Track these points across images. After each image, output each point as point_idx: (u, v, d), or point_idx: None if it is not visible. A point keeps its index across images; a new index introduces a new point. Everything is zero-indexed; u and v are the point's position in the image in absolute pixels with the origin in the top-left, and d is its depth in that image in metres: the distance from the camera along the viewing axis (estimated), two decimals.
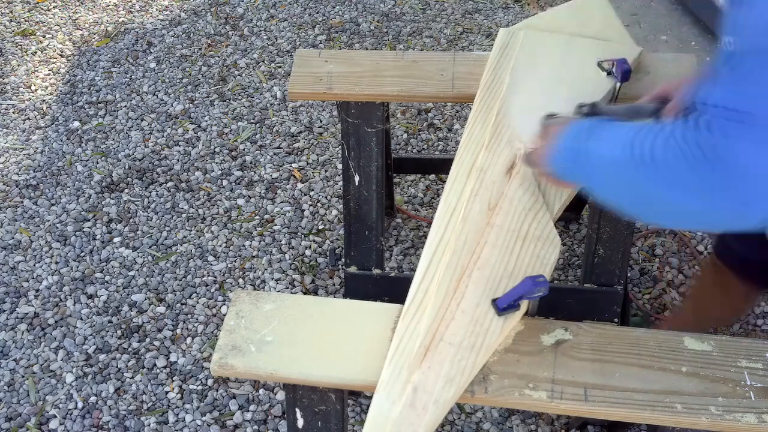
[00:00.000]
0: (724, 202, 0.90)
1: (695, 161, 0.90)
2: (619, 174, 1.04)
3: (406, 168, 2.52)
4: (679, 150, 0.92)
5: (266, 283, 2.30)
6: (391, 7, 3.49)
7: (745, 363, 1.18)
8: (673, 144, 0.93)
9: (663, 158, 0.95)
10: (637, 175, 0.99)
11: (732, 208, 0.90)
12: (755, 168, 0.86)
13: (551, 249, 1.32)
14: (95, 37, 3.39)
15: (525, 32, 1.73)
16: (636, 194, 1.02)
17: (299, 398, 1.26)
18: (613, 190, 1.08)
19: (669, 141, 0.94)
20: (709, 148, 0.89)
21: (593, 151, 1.10)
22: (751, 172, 0.86)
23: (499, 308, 1.21)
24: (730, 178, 0.88)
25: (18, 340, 2.17)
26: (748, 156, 0.86)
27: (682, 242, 2.38)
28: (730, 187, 0.89)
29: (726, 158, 0.87)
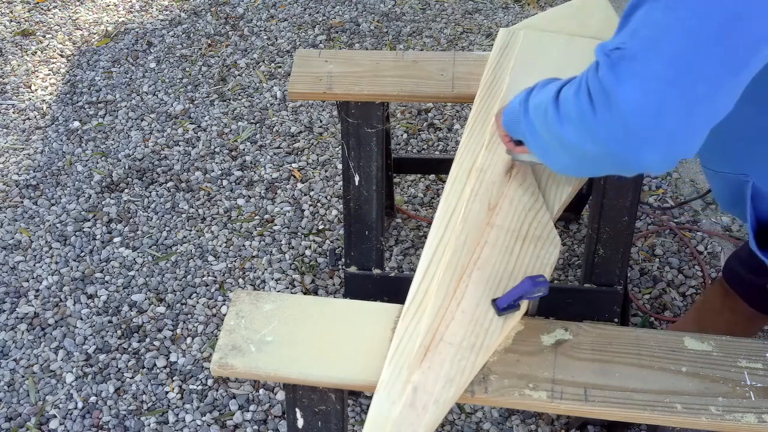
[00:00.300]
0: (609, 138, 0.91)
1: (584, 100, 0.93)
2: (541, 120, 1.07)
3: (406, 168, 2.52)
4: (575, 92, 0.96)
5: (266, 283, 2.30)
6: (391, 7, 3.49)
7: (745, 363, 1.18)
8: (574, 87, 0.97)
9: (564, 101, 0.99)
10: (549, 118, 1.02)
11: (617, 144, 0.90)
12: (629, 101, 0.87)
13: (551, 249, 1.32)
14: (95, 37, 3.39)
15: (525, 32, 1.73)
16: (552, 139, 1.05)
17: (299, 398, 1.26)
18: (540, 139, 1.10)
19: (573, 85, 0.98)
20: (594, 86, 0.91)
21: (531, 100, 1.14)
22: (624, 106, 0.87)
23: (499, 308, 1.21)
24: (609, 112, 0.89)
25: (18, 340, 2.17)
26: (622, 90, 0.87)
27: (682, 242, 2.38)
28: (608, 121, 0.89)
29: (606, 94, 0.89)
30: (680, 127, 0.88)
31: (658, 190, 2.57)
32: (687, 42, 0.85)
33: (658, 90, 0.86)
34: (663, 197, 2.54)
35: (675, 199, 2.53)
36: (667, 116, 0.86)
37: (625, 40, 0.90)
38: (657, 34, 0.87)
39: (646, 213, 2.47)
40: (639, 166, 0.91)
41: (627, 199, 1.72)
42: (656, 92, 0.86)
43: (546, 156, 1.10)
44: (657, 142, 0.88)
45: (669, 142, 0.88)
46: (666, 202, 2.52)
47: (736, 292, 1.62)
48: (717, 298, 1.69)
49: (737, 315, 1.64)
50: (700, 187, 2.57)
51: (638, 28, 0.89)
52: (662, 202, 2.53)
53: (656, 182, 2.60)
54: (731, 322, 1.65)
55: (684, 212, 2.49)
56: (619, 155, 0.91)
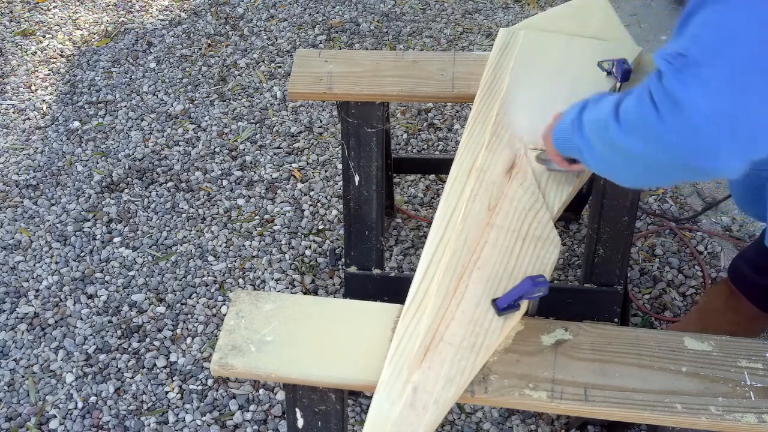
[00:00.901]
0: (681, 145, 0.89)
1: (650, 110, 0.92)
2: (597, 132, 1.06)
3: (406, 168, 2.52)
4: (637, 103, 0.95)
5: (266, 283, 2.30)
6: (391, 7, 3.49)
7: (745, 363, 1.18)
8: (635, 98, 0.96)
9: (627, 113, 0.97)
10: (611, 133, 1.01)
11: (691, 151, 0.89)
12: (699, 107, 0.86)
13: (551, 249, 1.32)
14: (95, 37, 3.39)
15: (525, 32, 1.73)
16: (615, 154, 1.03)
17: (299, 398, 1.26)
18: (599, 154, 1.08)
19: (634, 96, 0.97)
20: (659, 95, 0.90)
21: (585, 117, 1.13)
22: (696, 112, 0.86)
23: (499, 308, 1.21)
24: (679, 121, 0.88)
25: (18, 340, 2.17)
26: (691, 96, 0.86)
27: (682, 242, 2.38)
28: (680, 130, 0.88)
29: (673, 101, 0.88)
30: (757, 128, 0.86)
31: (658, 190, 2.57)
32: (754, 44, 0.84)
33: (729, 94, 0.85)
34: (663, 197, 2.54)
35: (675, 199, 2.53)
36: (743, 120, 0.85)
37: (687, 46, 0.88)
38: (722, 38, 0.85)
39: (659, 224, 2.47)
40: (715, 172, 0.90)
41: (627, 199, 1.72)
42: (728, 96, 0.85)
43: (609, 171, 1.09)
44: (733, 147, 0.87)
45: (746, 145, 0.87)
46: (666, 202, 2.52)
47: (740, 292, 1.62)
48: (720, 298, 1.69)
49: (741, 315, 1.64)
50: (700, 187, 2.57)
51: (700, 33, 0.88)
52: (662, 202, 2.53)
53: None
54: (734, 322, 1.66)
55: (684, 212, 2.49)
56: (695, 163, 0.90)
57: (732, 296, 1.64)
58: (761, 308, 1.61)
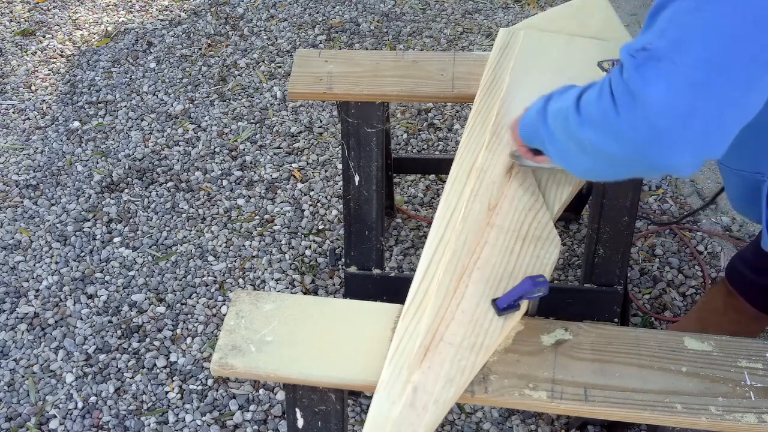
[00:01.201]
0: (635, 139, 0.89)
1: (608, 103, 0.92)
2: (562, 125, 1.06)
3: (406, 168, 2.52)
4: (597, 95, 0.95)
5: (266, 283, 2.30)
6: (391, 7, 3.49)
7: (745, 363, 1.18)
8: (596, 90, 0.96)
9: (586, 104, 0.98)
10: (571, 123, 1.01)
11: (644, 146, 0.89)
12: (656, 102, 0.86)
13: (551, 249, 1.32)
14: (95, 37, 3.39)
15: (525, 32, 1.73)
16: (573, 144, 1.04)
17: (299, 398, 1.26)
18: (559, 144, 1.09)
19: (595, 88, 0.97)
20: (618, 88, 0.90)
21: (549, 107, 1.13)
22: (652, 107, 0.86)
23: (499, 308, 1.21)
24: (635, 113, 0.88)
25: (18, 340, 2.17)
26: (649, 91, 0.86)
27: (682, 242, 2.38)
28: (635, 123, 0.88)
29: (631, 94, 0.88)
30: (711, 128, 0.86)
31: (658, 190, 2.57)
32: (717, 43, 0.84)
33: (687, 91, 0.85)
34: (663, 197, 2.54)
35: (675, 199, 2.53)
36: (698, 118, 0.85)
37: (651, 41, 0.88)
38: (686, 35, 0.85)
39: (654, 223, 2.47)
40: (667, 167, 0.90)
41: (627, 199, 1.72)
42: (686, 93, 0.85)
43: (567, 162, 1.09)
44: (686, 144, 0.87)
45: (699, 143, 0.87)
46: (666, 202, 2.52)
47: (738, 293, 1.62)
48: (719, 299, 1.69)
49: (740, 315, 1.64)
50: (700, 187, 2.57)
51: (666, 28, 0.88)
52: (662, 202, 2.53)
53: (656, 182, 2.60)
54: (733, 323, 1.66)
55: (684, 212, 2.49)
56: (647, 157, 0.90)
57: (730, 297, 1.64)
58: (759, 309, 1.60)
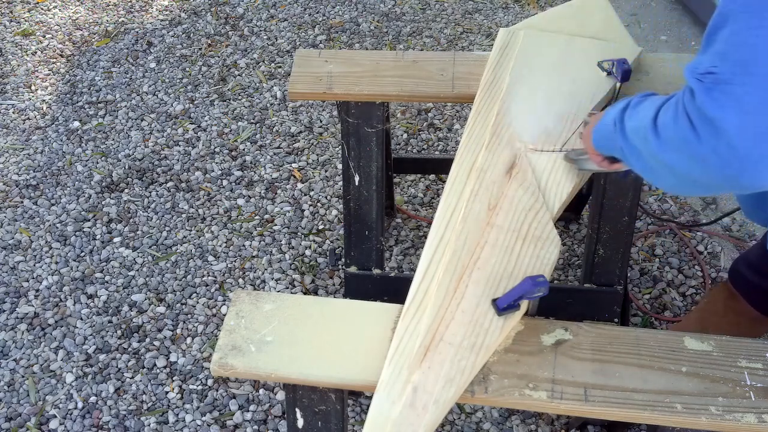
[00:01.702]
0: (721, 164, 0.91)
1: (686, 129, 0.93)
2: (639, 139, 1.07)
3: (406, 168, 2.52)
4: (674, 119, 0.96)
5: (266, 283, 2.30)
6: (391, 7, 3.49)
7: (745, 363, 1.18)
8: (672, 113, 0.97)
9: (665, 128, 0.99)
10: (652, 145, 1.02)
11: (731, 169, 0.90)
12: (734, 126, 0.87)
13: (551, 249, 1.32)
14: (95, 37, 3.39)
15: (525, 32, 1.73)
16: (659, 165, 1.05)
17: (299, 398, 1.26)
18: (645, 162, 1.10)
19: (670, 111, 0.98)
20: (695, 114, 0.92)
21: (627, 120, 1.14)
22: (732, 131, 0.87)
23: (499, 308, 1.21)
24: (716, 140, 0.89)
25: (18, 340, 2.17)
26: (725, 116, 0.88)
27: (682, 242, 2.38)
28: (718, 149, 0.90)
29: (708, 121, 0.90)
30: None
31: (658, 190, 2.57)
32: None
33: (760, 112, 0.86)
34: (663, 197, 2.54)
35: (675, 199, 2.53)
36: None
37: (716, 63, 0.90)
38: (750, 56, 0.87)
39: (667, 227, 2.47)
40: (752, 186, 0.92)
41: (627, 199, 1.72)
42: (759, 114, 0.86)
43: (654, 178, 1.10)
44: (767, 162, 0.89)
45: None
46: (666, 202, 2.52)
47: (741, 294, 1.61)
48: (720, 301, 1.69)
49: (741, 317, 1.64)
50: None
51: (727, 50, 0.89)
52: (662, 201, 2.53)
53: None
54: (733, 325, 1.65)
55: (684, 212, 2.49)
56: (734, 179, 0.92)
57: (732, 298, 1.64)
58: (761, 311, 1.60)
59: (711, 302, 1.76)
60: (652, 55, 1.77)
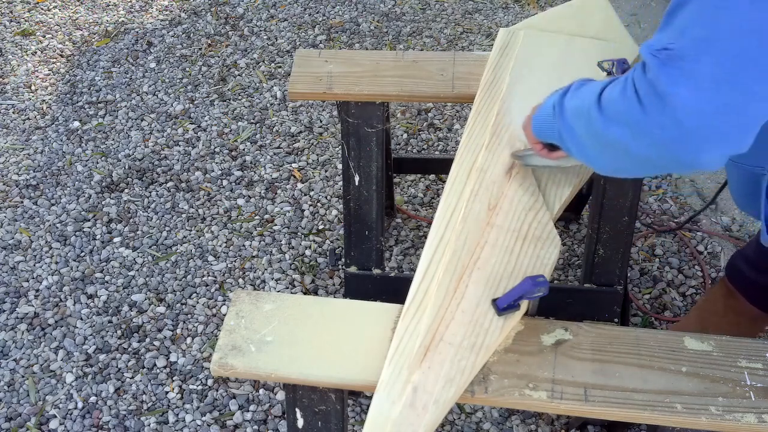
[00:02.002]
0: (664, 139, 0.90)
1: (634, 103, 0.93)
2: (583, 122, 1.06)
3: (406, 168, 2.52)
4: (621, 93, 0.95)
5: (266, 283, 2.30)
6: (391, 7, 3.49)
7: (745, 363, 1.18)
8: (619, 88, 0.97)
9: (610, 102, 0.98)
10: (594, 121, 1.02)
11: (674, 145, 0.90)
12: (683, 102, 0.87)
13: (551, 249, 1.32)
14: (95, 37, 3.39)
15: (525, 32, 1.73)
16: (597, 141, 1.04)
17: (299, 398, 1.26)
18: (581, 140, 1.09)
19: (618, 86, 0.97)
20: (644, 88, 0.91)
21: (566, 103, 1.13)
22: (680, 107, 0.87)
23: (499, 308, 1.21)
24: (664, 114, 0.89)
25: (18, 340, 2.17)
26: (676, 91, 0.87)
27: (682, 242, 2.38)
28: (664, 123, 0.89)
29: (658, 95, 0.89)
30: (738, 124, 0.88)
31: (658, 190, 2.57)
32: (741, 40, 0.84)
33: (713, 89, 0.86)
34: (663, 197, 2.54)
35: (675, 199, 2.53)
36: (725, 115, 0.86)
37: (673, 40, 0.89)
38: (708, 34, 0.86)
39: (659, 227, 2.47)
40: (695, 165, 0.92)
41: (627, 199, 1.72)
42: (712, 91, 0.86)
43: (590, 159, 1.09)
44: (715, 141, 0.88)
45: (726, 140, 0.88)
46: (666, 202, 2.52)
47: (738, 291, 1.61)
48: (719, 299, 1.69)
49: (740, 315, 1.64)
50: (700, 187, 2.57)
51: (687, 26, 0.88)
52: (662, 201, 2.53)
53: (656, 182, 2.60)
54: (734, 323, 1.65)
55: (684, 212, 2.49)
56: (676, 155, 0.91)
57: (730, 296, 1.64)
58: (759, 307, 1.60)
59: (710, 301, 1.76)
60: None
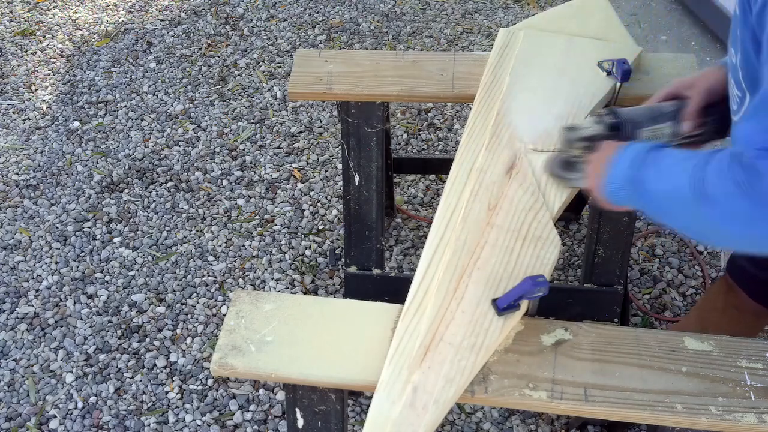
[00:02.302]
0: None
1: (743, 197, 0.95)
2: (677, 206, 1.07)
3: (406, 168, 2.52)
4: (728, 186, 0.97)
5: (266, 283, 2.30)
6: (391, 7, 3.49)
7: (745, 363, 1.18)
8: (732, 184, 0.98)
9: (715, 194, 0.99)
10: (695, 209, 1.03)
11: None
12: None
13: (551, 249, 1.32)
14: (95, 37, 3.39)
15: (525, 32, 1.73)
16: (697, 225, 1.06)
17: (299, 398, 1.26)
18: (674, 220, 1.10)
19: (720, 177, 0.99)
20: (749, 185, 0.94)
21: (650, 182, 1.12)
22: None
23: (499, 308, 1.21)
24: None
25: (18, 340, 2.17)
26: None
27: (682, 242, 2.38)
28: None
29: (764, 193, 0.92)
30: None
31: None
32: None
33: None
34: None
35: None
36: None
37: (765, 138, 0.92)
38: None
39: None
40: None
41: None
42: None
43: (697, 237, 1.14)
44: None
45: None
46: None
47: (739, 286, 1.61)
48: (720, 296, 1.69)
49: (741, 312, 1.64)
50: None
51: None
52: None
53: None
54: (734, 319, 1.65)
55: None
56: None
57: (731, 292, 1.64)
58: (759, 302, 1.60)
59: (710, 299, 1.76)
60: (652, 55, 1.77)
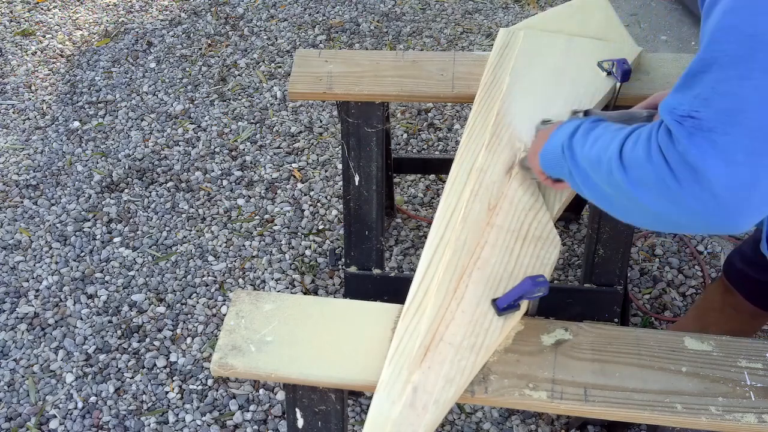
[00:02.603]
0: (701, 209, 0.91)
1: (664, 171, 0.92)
2: (597, 173, 1.05)
3: (406, 168, 2.52)
4: (647, 157, 0.95)
5: (266, 283, 2.30)
6: (391, 7, 3.49)
7: (745, 363, 1.18)
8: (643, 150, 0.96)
9: (636, 165, 0.97)
10: (609, 175, 1.01)
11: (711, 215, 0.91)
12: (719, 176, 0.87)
13: (551, 249, 1.32)
14: (95, 37, 3.39)
15: (525, 32, 1.73)
16: (612, 193, 1.04)
17: (299, 398, 1.26)
18: (593, 189, 1.08)
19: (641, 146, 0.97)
20: (674, 159, 0.91)
21: (579, 148, 1.12)
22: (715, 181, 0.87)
23: (499, 308, 1.21)
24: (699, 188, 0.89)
25: (18, 340, 2.17)
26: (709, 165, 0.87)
27: (682, 242, 2.38)
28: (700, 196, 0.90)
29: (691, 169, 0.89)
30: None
31: None
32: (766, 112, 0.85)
33: (748, 163, 0.86)
34: None
35: None
36: (761, 185, 0.87)
37: (697, 108, 0.89)
38: (735, 106, 0.86)
39: None
40: (729, 230, 0.93)
41: None
42: (746, 166, 0.86)
43: (612, 208, 1.09)
44: (753, 211, 0.90)
45: (763, 208, 0.90)
46: None
47: (736, 289, 1.62)
48: (717, 297, 1.69)
49: (738, 312, 1.64)
50: None
51: (711, 97, 0.88)
52: None
53: None
54: (731, 321, 1.66)
55: None
56: (712, 224, 0.92)
57: (727, 294, 1.64)
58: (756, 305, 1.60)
59: (708, 299, 1.76)
60: (652, 55, 1.77)
